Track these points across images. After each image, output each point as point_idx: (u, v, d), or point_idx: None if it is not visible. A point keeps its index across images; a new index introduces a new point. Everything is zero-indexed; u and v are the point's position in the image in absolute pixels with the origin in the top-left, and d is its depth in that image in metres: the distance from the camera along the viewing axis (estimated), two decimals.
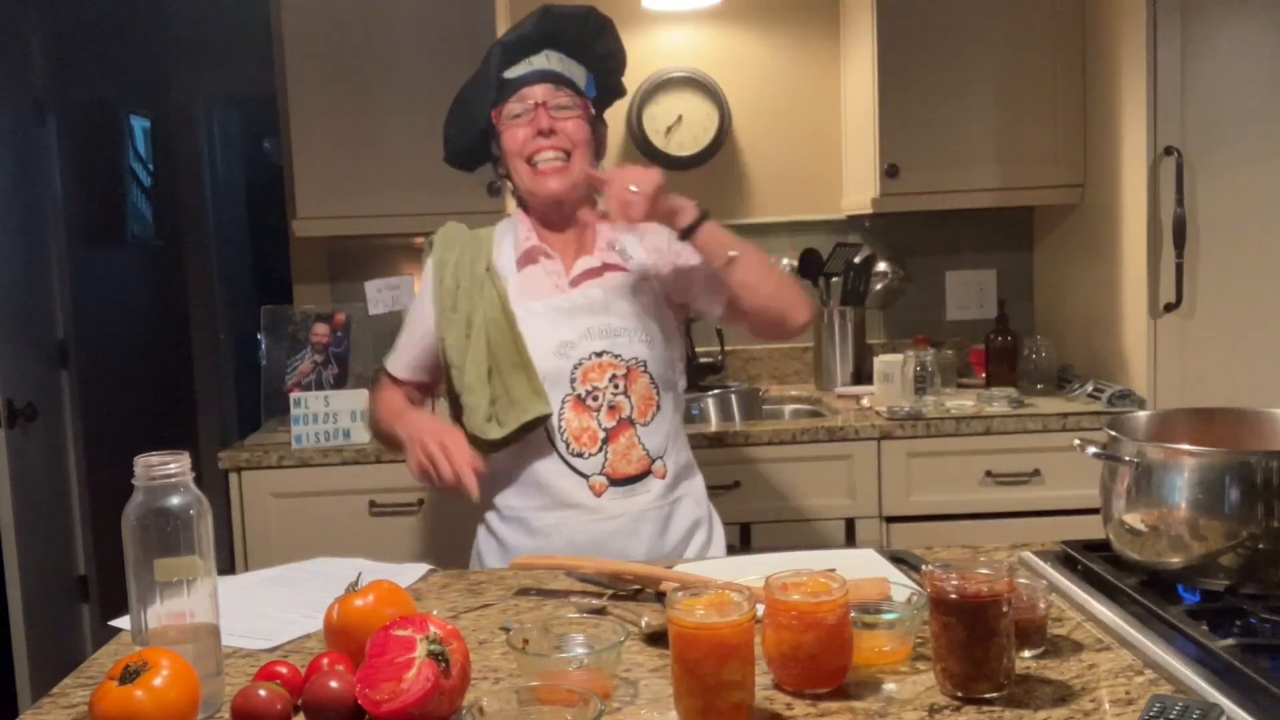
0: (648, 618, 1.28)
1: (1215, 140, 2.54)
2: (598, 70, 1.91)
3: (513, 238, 1.88)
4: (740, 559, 1.54)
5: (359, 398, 2.69)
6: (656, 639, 1.24)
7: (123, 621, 1.32)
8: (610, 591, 1.43)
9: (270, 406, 2.95)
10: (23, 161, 3.55)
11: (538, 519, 1.78)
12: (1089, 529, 1.46)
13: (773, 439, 2.63)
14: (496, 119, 1.84)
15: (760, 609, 1.10)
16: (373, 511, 2.65)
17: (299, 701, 1.09)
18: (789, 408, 3.07)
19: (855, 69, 3.11)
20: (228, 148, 5.42)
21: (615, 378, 1.77)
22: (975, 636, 1.06)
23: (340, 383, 2.90)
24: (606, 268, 1.84)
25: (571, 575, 1.52)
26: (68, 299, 3.76)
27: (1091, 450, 1.34)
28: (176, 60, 4.78)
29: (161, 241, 4.78)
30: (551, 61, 1.83)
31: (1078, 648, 1.20)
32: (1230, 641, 1.12)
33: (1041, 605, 1.19)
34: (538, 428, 1.75)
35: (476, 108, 1.87)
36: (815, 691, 1.10)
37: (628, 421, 1.77)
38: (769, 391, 3.16)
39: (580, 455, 1.76)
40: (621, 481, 1.77)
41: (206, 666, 1.11)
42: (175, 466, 1.12)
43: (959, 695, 1.08)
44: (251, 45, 3.71)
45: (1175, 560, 1.26)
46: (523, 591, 1.48)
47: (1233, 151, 2.54)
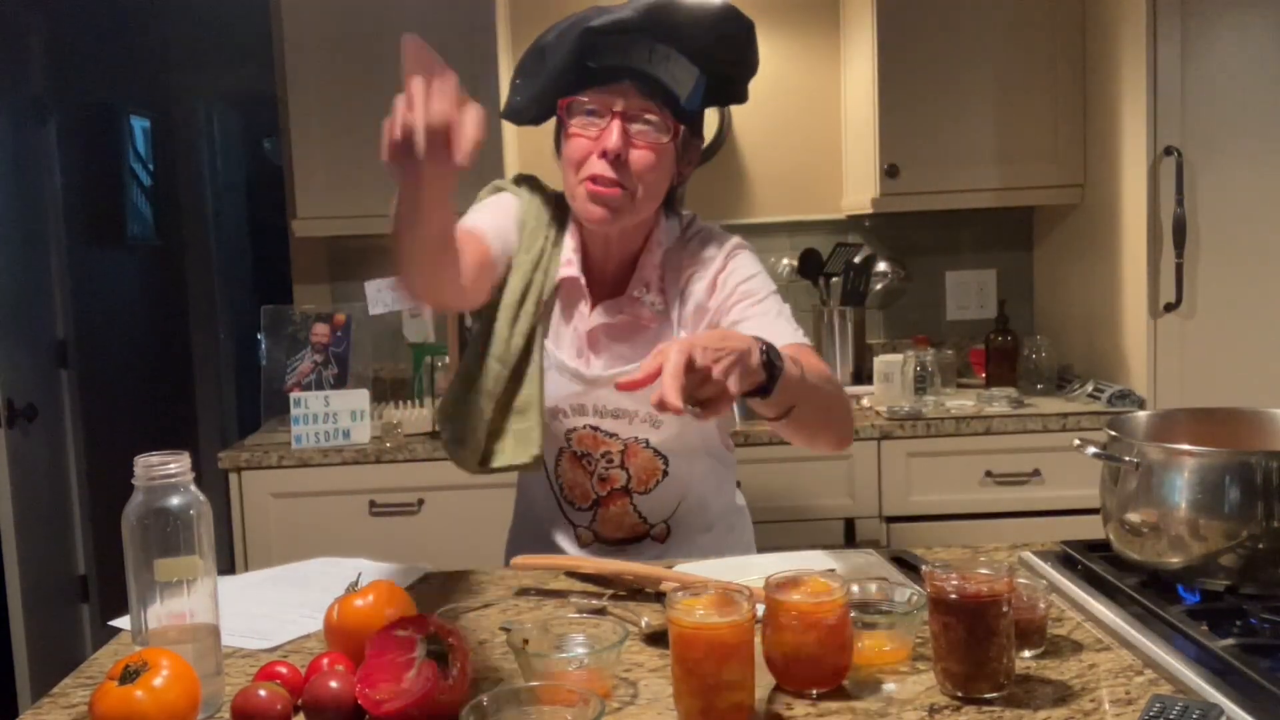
0: (648, 618, 1.28)
1: (1215, 140, 2.54)
2: (715, 75, 1.52)
3: (562, 250, 1.59)
4: (740, 559, 1.54)
5: (359, 398, 2.69)
6: (656, 639, 1.24)
7: (123, 621, 1.32)
8: (610, 591, 1.43)
9: (270, 406, 2.96)
10: (23, 162, 3.55)
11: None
12: (1089, 529, 1.46)
13: (773, 439, 2.62)
14: (564, 108, 1.51)
15: (760, 609, 1.10)
16: (373, 511, 2.65)
17: (299, 701, 1.09)
18: None
19: (855, 69, 3.11)
20: (228, 148, 5.41)
21: (609, 454, 1.60)
22: (975, 636, 1.06)
23: (340, 383, 2.91)
24: (628, 324, 1.57)
25: (572, 575, 1.52)
26: (67, 299, 3.76)
27: (1091, 450, 1.34)
28: (177, 60, 4.77)
29: (161, 242, 4.78)
30: (655, 61, 1.46)
31: (1078, 648, 1.20)
32: (1230, 641, 1.12)
33: (1041, 605, 1.19)
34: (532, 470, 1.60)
35: (547, 83, 1.52)
36: (815, 692, 1.10)
37: (622, 491, 1.62)
38: None
39: (572, 504, 1.65)
40: (612, 542, 1.66)
41: (206, 666, 1.10)
42: (175, 466, 1.11)
43: (959, 695, 1.08)
44: (251, 45, 3.71)
45: (1175, 560, 1.26)
46: (523, 591, 1.48)
47: (1233, 151, 2.54)
